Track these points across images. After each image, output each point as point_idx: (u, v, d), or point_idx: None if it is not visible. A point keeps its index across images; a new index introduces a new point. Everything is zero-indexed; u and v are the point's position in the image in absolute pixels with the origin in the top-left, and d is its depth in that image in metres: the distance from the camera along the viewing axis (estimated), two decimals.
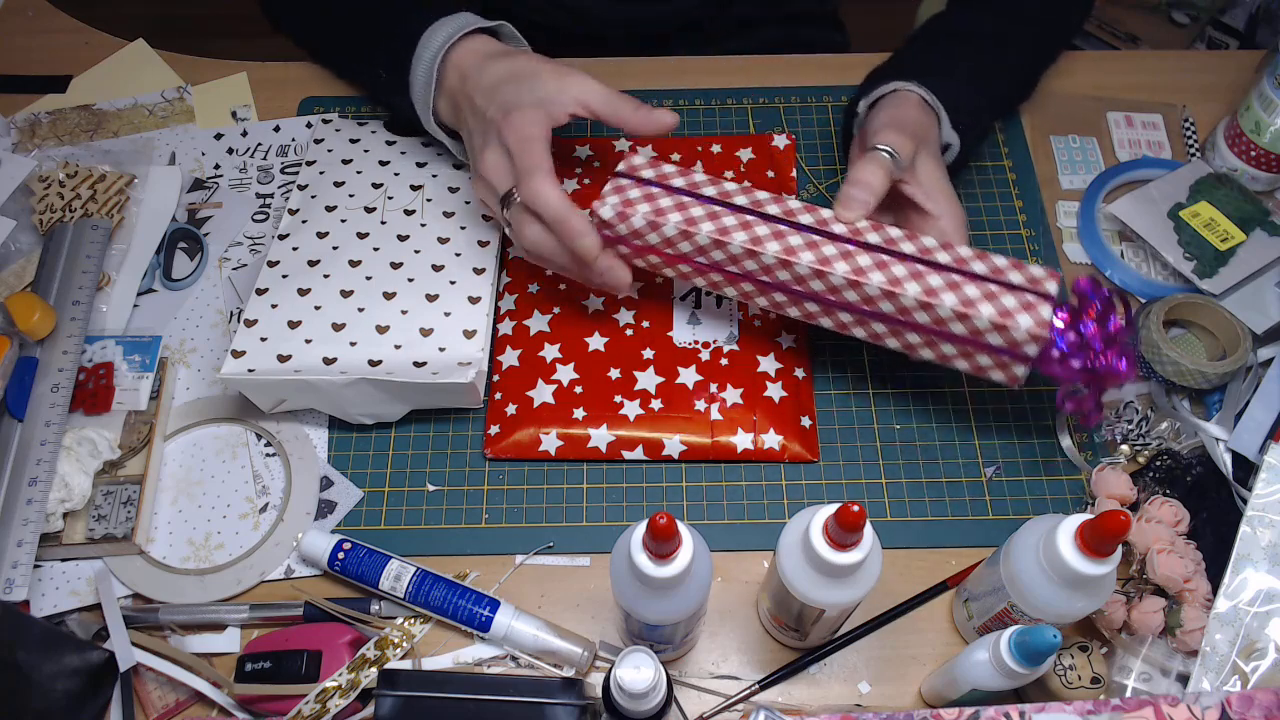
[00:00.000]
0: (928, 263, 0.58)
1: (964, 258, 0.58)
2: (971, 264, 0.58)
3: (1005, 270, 0.57)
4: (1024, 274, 0.57)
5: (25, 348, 0.68)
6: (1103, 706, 0.51)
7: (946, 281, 0.57)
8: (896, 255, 0.58)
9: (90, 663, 0.58)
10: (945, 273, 0.57)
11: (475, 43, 0.67)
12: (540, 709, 0.55)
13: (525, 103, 0.62)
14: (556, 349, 0.69)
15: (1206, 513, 0.62)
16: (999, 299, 0.56)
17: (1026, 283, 0.57)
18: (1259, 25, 1.34)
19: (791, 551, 0.51)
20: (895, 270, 0.57)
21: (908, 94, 0.67)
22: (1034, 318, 0.55)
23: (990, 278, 0.57)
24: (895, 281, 0.57)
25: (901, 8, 1.38)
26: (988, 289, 0.57)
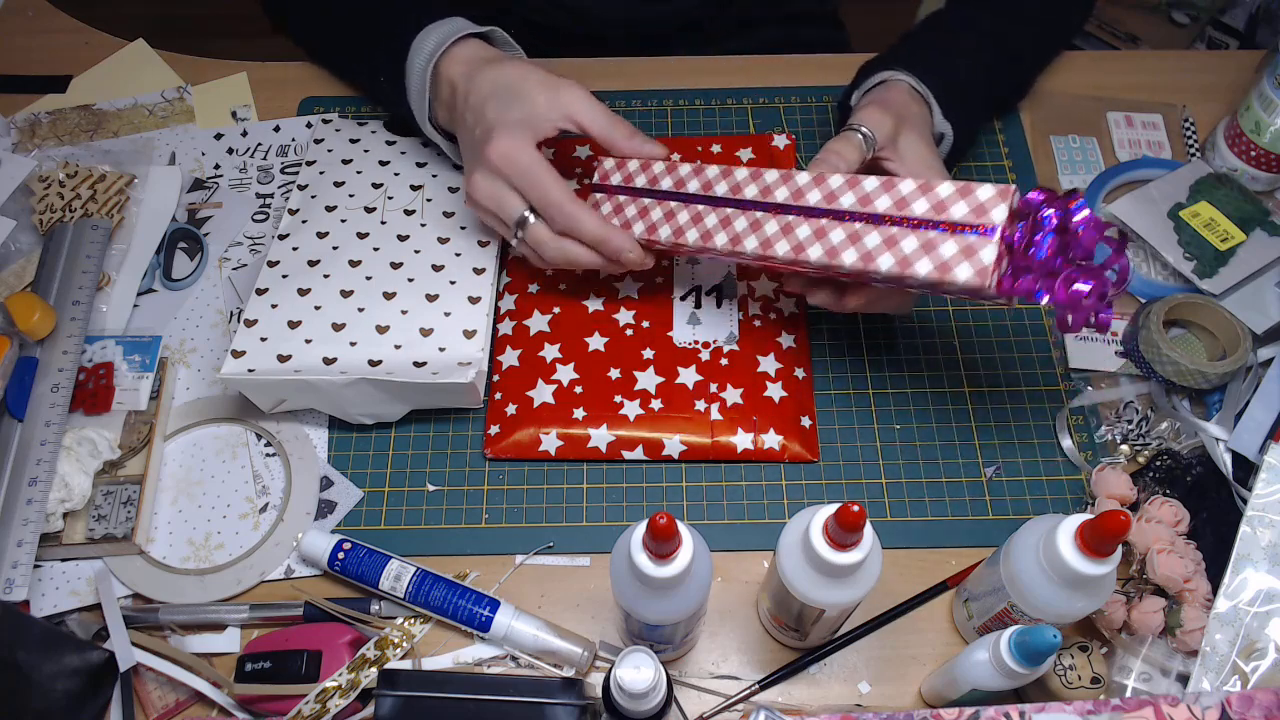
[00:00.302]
0: (867, 217, 0.55)
1: (905, 197, 0.54)
2: (913, 204, 0.54)
3: (949, 204, 0.53)
4: (970, 203, 0.52)
5: (25, 348, 0.68)
6: (1103, 706, 0.51)
7: (884, 238, 0.54)
8: (835, 215, 0.56)
9: (90, 663, 0.58)
10: (884, 226, 0.54)
11: (465, 50, 0.66)
12: (540, 709, 0.55)
13: (509, 122, 0.61)
14: (556, 349, 0.69)
15: (1206, 513, 0.62)
16: (937, 248, 0.52)
17: (971, 214, 0.52)
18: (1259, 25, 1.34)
19: (791, 551, 0.51)
20: (833, 237, 0.55)
21: (896, 82, 0.67)
22: (973, 265, 0.51)
23: (931, 220, 0.53)
24: (833, 252, 0.55)
25: (901, 8, 1.38)
26: (926, 237, 0.53)
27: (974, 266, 0.52)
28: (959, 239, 0.52)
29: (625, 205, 0.65)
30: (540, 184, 0.61)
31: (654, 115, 0.83)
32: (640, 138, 0.63)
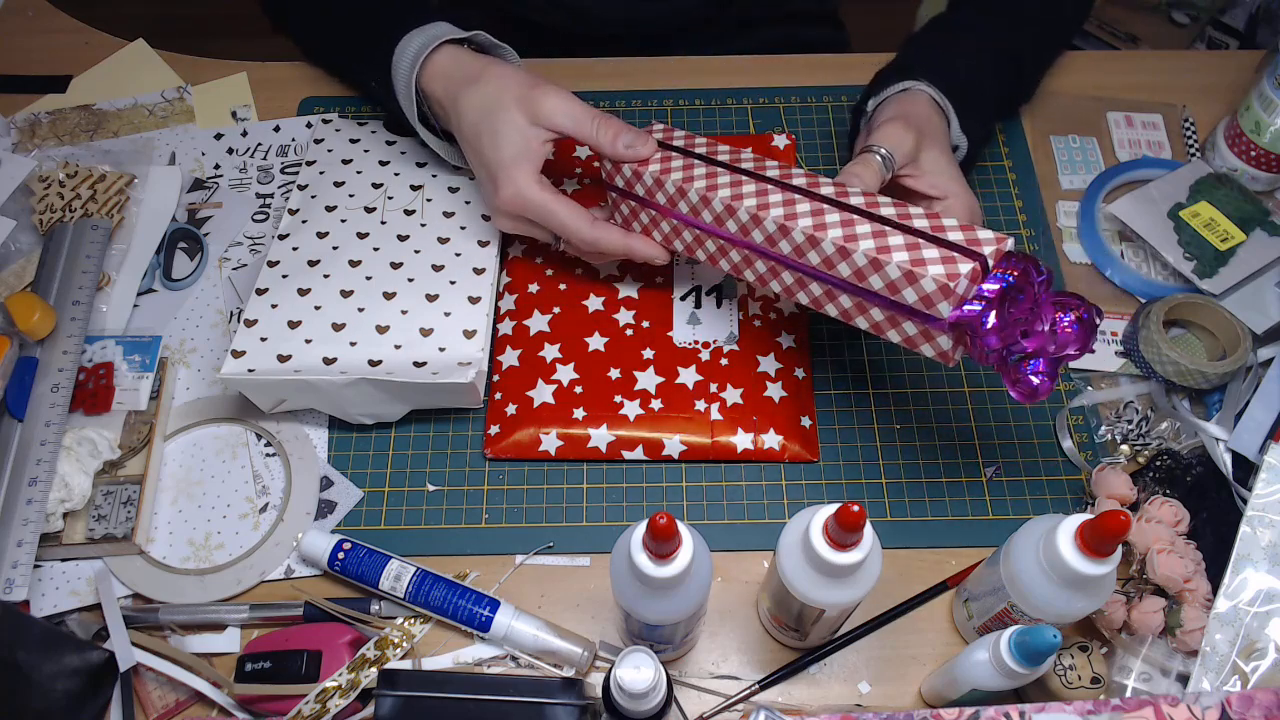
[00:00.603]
0: (866, 213, 0.55)
1: (910, 214, 0.55)
2: (914, 221, 0.54)
3: (948, 230, 0.53)
4: (966, 235, 0.53)
5: (25, 348, 0.68)
6: (1103, 706, 0.51)
7: (874, 229, 0.54)
8: (837, 205, 0.56)
9: (90, 663, 0.58)
10: (878, 223, 0.54)
11: (443, 62, 0.66)
12: (540, 709, 0.55)
13: (506, 163, 0.63)
14: (556, 349, 0.69)
15: (1206, 513, 0.62)
16: (920, 249, 0.52)
17: (964, 243, 0.52)
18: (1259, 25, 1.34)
19: (791, 551, 0.51)
20: (830, 216, 0.56)
21: (918, 93, 0.67)
22: (947, 270, 0.51)
23: (926, 233, 0.53)
24: (817, 303, 0.58)
25: (901, 8, 1.38)
26: (912, 240, 0.53)
27: (934, 349, 0.55)
28: (944, 250, 0.53)
29: (638, 211, 0.65)
30: (554, 219, 0.64)
31: (654, 115, 0.83)
32: (626, 137, 0.63)
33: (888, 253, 0.53)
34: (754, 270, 0.60)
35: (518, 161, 0.63)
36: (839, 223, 0.55)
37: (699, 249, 0.63)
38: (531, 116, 0.63)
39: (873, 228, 0.54)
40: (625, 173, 0.64)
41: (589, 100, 0.84)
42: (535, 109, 0.63)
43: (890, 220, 0.55)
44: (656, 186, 0.62)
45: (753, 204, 0.58)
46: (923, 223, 0.54)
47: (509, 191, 0.63)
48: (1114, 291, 0.74)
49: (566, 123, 0.63)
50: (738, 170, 0.61)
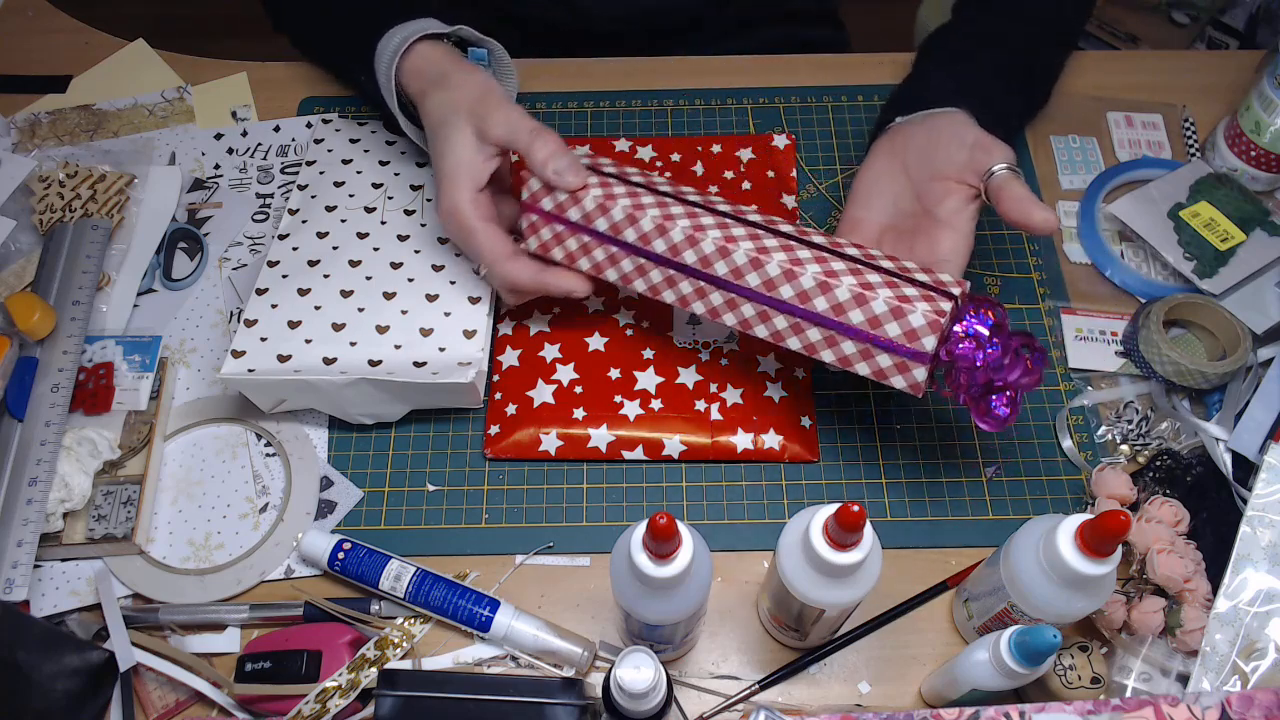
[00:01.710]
0: (834, 252, 0.57)
1: (873, 255, 0.57)
2: (880, 261, 0.57)
3: (913, 271, 0.56)
4: (931, 277, 0.56)
5: (25, 348, 0.68)
6: (1103, 706, 0.51)
7: (849, 267, 0.56)
8: (804, 243, 0.58)
9: (90, 663, 0.58)
10: (850, 261, 0.56)
11: (415, 60, 0.66)
12: (540, 709, 0.55)
13: (447, 173, 0.63)
14: (556, 349, 0.69)
15: (1206, 513, 0.62)
16: (900, 288, 0.55)
17: (932, 284, 0.55)
18: (1259, 25, 1.34)
19: (791, 551, 0.51)
20: (800, 253, 0.57)
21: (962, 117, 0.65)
22: (932, 307, 0.54)
23: (895, 272, 0.56)
24: (796, 261, 0.56)
25: (901, 8, 1.38)
26: (889, 279, 0.55)
27: (907, 381, 0.56)
28: (893, 355, 0.55)
29: (564, 236, 0.63)
30: (473, 247, 0.64)
31: (654, 115, 0.83)
32: (558, 162, 0.61)
33: (871, 289, 0.55)
34: (707, 303, 0.59)
35: (457, 175, 0.63)
36: (813, 259, 0.56)
37: (639, 279, 0.61)
38: (479, 131, 0.62)
39: (848, 265, 0.56)
40: (559, 196, 0.62)
41: (589, 100, 0.85)
42: (482, 123, 0.62)
43: (859, 259, 0.57)
44: (599, 212, 0.61)
45: (718, 235, 0.58)
46: (888, 264, 0.57)
47: (445, 204, 0.63)
48: (1114, 291, 0.74)
49: (503, 132, 0.62)
50: (685, 201, 0.60)
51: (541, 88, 0.85)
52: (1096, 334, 0.71)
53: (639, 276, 0.61)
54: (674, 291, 0.60)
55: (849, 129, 0.83)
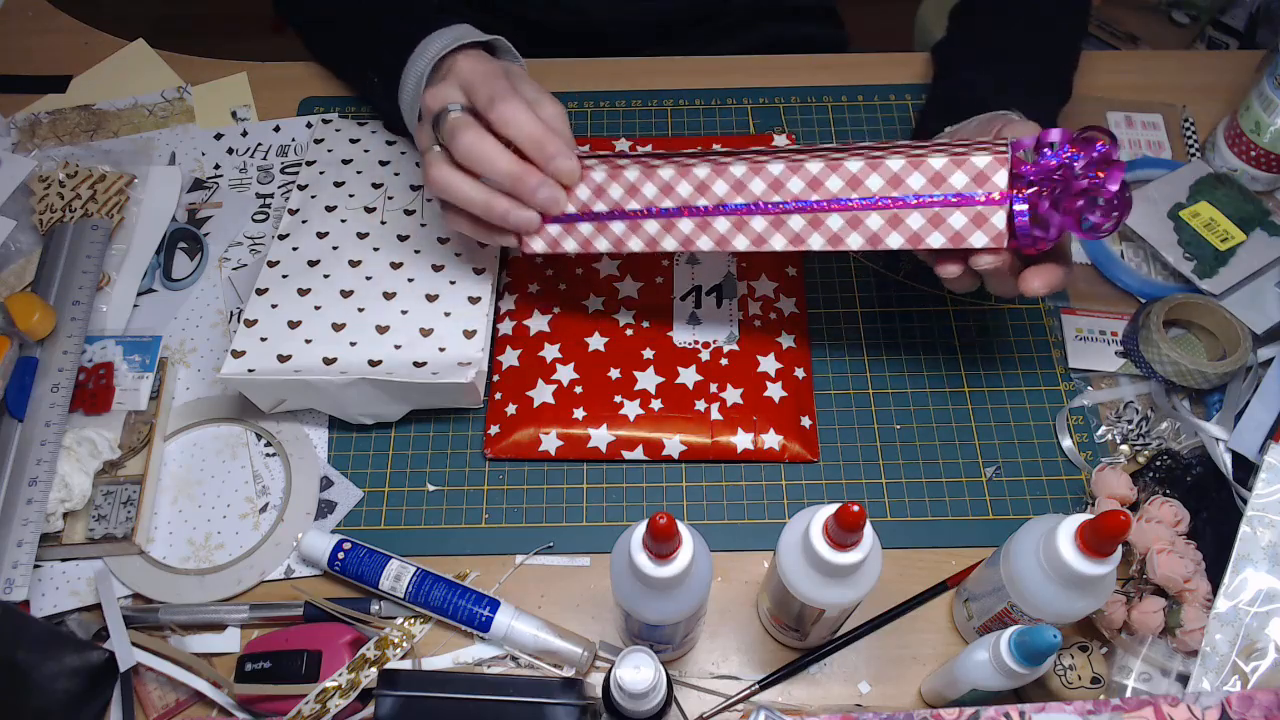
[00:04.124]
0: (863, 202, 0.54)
1: (897, 174, 0.53)
2: (909, 180, 0.53)
3: (946, 175, 0.53)
4: (968, 171, 0.52)
5: (25, 348, 0.68)
6: (1103, 706, 0.51)
7: (886, 219, 0.54)
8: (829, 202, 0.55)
9: (90, 663, 0.58)
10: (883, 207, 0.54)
11: (468, 57, 0.65)
12: (540, 709, 0.55)
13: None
14: (556, 349, 0.69)
15: (1206, 513, 0.62)
16: (946, 220, 0.53)
17: (973, 183, 0.52)
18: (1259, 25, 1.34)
19: (791, 551, 0.51)
20: (831, 224, 0.55)
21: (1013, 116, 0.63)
22: (987, 233, 0.52)
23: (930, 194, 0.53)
24: (835, 239, 0.55)
25: (901, 8, 1.38)
26: (932, 212, 0.53)
27: (988, 234, 0.53)
28: (966, 209, 0.53)
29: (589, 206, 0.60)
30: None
31: (654, 115, 0.83)
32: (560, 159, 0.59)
33: (923, 152, 0.53)
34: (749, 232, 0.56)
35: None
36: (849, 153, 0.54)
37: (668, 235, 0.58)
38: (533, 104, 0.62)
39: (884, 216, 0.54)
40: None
41: (589, 100, 0.85)
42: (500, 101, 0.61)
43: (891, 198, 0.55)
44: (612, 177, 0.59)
45: (743, 164, 0.56)
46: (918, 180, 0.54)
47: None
48: (1114, 291, 0.74)
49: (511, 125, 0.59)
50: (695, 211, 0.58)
51: None
52: (1096, 334, 0.71)
53: (667, 233, 0.58)
54: (709, 235, 0.57)
55: (849, 129, 0.83)
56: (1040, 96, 0.70)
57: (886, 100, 0.84)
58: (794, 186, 0.56)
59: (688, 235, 0.58)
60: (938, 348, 0.72)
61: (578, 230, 0.61)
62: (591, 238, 0.61)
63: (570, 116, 0.82)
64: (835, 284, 0.74)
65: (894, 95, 0.84)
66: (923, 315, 0.73)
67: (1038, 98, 0.69)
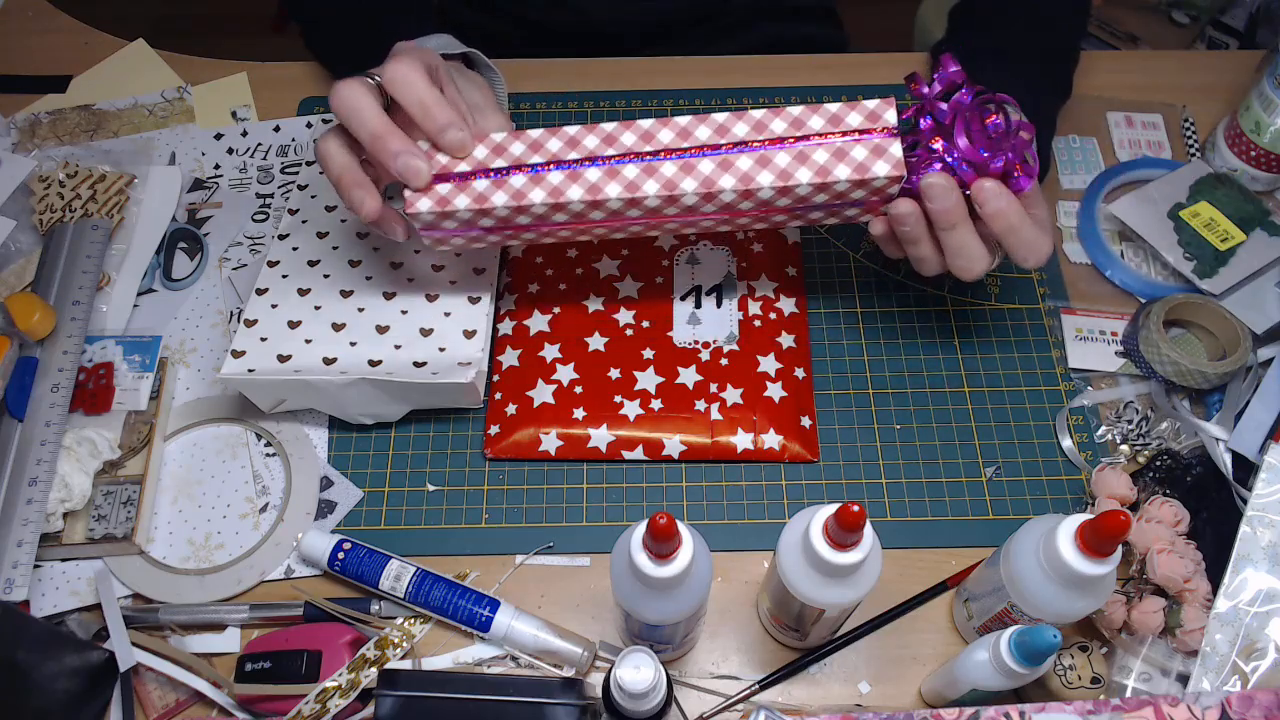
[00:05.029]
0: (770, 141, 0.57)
1: (798, 118, 0.57)
2: (809, 122, 0.56)
3: (843, 116, 0.56)
4: (861, 112, 0.56)
5: (25, 348, 0.68)
6: (1103, 706, 0.51)
7: (793, 155, 0.56)
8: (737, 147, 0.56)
9: (90, 663, 0.58)
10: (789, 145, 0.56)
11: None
12: (540, 709, 0.55)
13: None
14: (556, 349, 0.69)
15: (1206, 513, 0.62)
16: (849, 153, 0.56)
17: (867, 121, 0.56)
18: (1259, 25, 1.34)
19: (791, 551, 0.51)
20: (740, 164, 0.56)
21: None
22: (888, 161, 0.55)
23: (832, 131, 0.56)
24: (746, 178, 0.56)
25: (901, 8, 1.38)
26: (835, 146, 0.56)
27: (888, 162, 0.55)
28: (866, 142, 0.56)
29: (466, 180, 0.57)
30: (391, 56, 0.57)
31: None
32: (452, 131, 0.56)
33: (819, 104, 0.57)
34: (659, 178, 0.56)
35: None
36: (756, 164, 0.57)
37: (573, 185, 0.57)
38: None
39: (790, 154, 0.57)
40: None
41: (589, 100, 0.85)
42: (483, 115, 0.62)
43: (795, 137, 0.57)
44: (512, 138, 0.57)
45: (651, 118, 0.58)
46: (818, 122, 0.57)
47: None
48: (1114, 291, 0.74)
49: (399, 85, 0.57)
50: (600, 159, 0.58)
51: (541, 88, 0.85)
52: (1096, 334, 0.71)
53: (572, 182, 0.57)
54: (618, 182, 0.56)
55: None
56: (1040, 95, 0.70)
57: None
58: (701, 134, 0.57)
59: (594, 183, 0.57)
60: (938, 348, 0.72)
61: (471, 187, 0.57)
62: (488, 192, 0.57)
63: (570, 117, 0.83)
64: (835, 284, 0.75)
65: (894, 95, 0.84)
66: (923, 315, 0.73)
67: (1037, 96, 0.69)
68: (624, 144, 0.57)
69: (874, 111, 0.56)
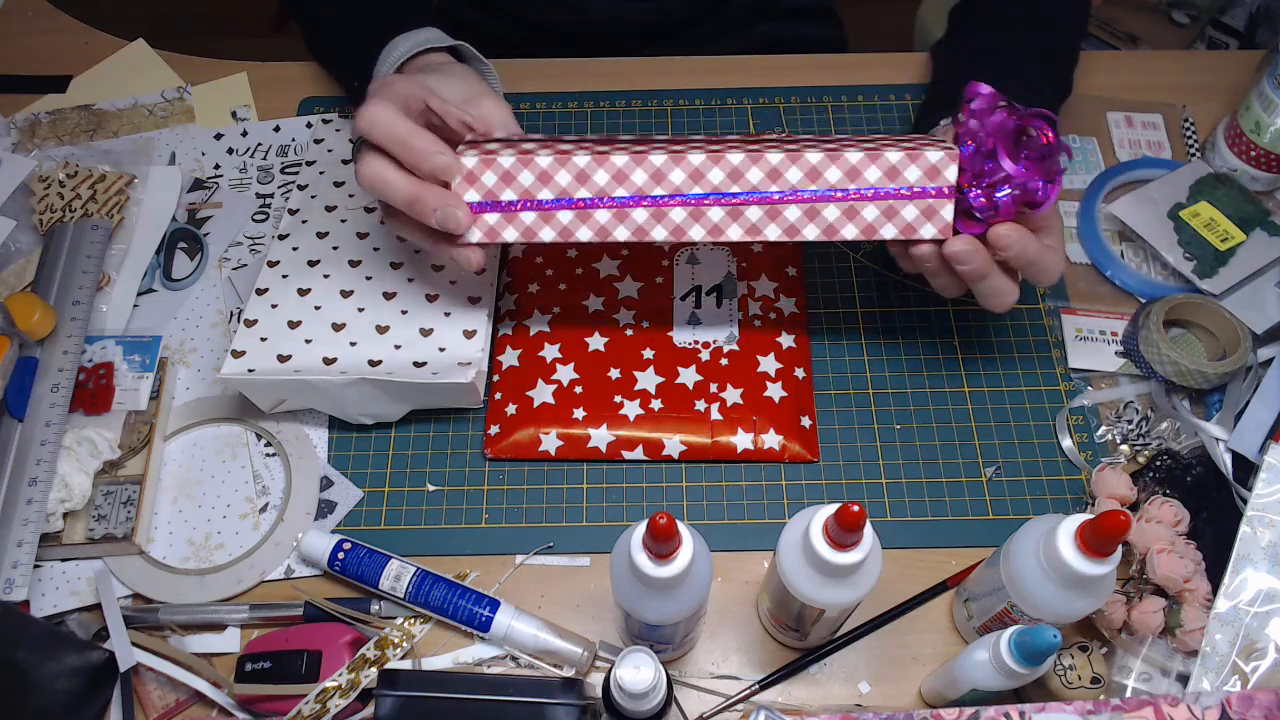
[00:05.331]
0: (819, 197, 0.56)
1: (855, 167, 0.55)
2: (866, 173, 0.55)
3: (901, 169, 0.55)
4: (921, 166, 0.55)
5: (25, 348, 0.68)
6: (1103, 706, 0.51)
7: (842, 210, 0.56)
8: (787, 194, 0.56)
9: (90, 663, 0.58)
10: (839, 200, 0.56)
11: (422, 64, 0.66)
12: (540, 709, 0.55)
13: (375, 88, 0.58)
14: (556, 349, 0.69)
15: (1206, 513, 0.62)
16: (899, 213, 0.55)
17: (925, 177, 0.55)
18: (1259, 25, 1.34)
19: (791, 551, 0.51)
20: (789, 214, 0.56)
21: None
22: (935, 224, 0.55)
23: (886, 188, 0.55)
24: (792, 230, 0.56)
25: (901, 8, 1.38)
26: (886, 205, 0.55)
27: (936, 225, 0.56)
28: (918, 202, 0.55)
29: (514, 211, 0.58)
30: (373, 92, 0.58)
31: (654, 115, 0.83)
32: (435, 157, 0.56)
33: (879, 147, 0.55)
34: (706, 223, 0.56)
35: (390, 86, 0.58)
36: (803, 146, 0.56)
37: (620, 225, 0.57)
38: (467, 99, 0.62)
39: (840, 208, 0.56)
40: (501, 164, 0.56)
41: (589, 100, 0.85)
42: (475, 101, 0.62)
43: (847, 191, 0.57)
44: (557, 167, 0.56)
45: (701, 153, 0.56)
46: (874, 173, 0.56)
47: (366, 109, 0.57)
48: (1114, 291, 0.74)
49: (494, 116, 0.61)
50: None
51: (541, 88, 0.85)
52: (1096, 334, 0.71)
53: (619, 223, 0.57)
54: (664, 225, 0.57)
55: (849, 129, 0.83)
56: (1040, 94, 0.70)
57: (886, 100, 0.84)
58: (753, 177, 0.56)
59: (641, 225, 0.57)
60: (938, 348, 0.72)
61: (519, 220, 0.58)
62: (535, 227, 0.58)
63: (570, 116, 0.83)
64: (835, 284, 0.75)
65: (894, 95, 0.84)
66: (923, 315, 0.73)
67: (1037, 95, 0.69)
68: (672, 181, 0.56)
69: (935, 166, 0.55)
